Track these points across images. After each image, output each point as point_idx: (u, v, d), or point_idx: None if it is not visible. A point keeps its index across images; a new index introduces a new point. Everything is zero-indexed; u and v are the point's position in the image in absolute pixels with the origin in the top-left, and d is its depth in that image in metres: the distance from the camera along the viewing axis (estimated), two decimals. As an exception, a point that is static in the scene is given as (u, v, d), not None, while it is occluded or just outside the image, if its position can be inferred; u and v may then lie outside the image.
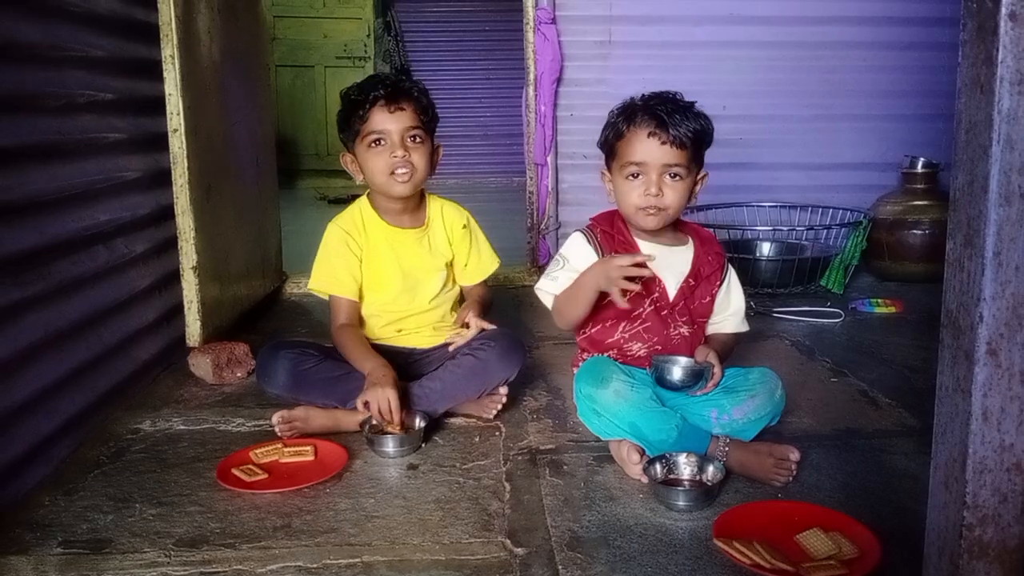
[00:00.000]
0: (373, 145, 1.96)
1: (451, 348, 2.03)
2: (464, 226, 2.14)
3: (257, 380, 2.08)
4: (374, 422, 1.84)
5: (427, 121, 2.01)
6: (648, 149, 1.75)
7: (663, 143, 1.74)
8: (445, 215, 2.13)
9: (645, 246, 1.84)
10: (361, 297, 2.07)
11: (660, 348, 1.86)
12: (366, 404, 1.82)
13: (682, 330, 1.87)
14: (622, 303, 1.70)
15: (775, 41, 3.58)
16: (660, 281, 1.84)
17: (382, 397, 1.81)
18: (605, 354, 1.88)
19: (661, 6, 3.55)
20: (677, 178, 1.77)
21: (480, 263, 2.17)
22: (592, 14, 3.51)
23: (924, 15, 3.58)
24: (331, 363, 1.97)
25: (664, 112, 1.75)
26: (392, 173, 1.96)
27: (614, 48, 3.54)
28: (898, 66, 3.63)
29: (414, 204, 2.10)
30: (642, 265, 1.70)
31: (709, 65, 3.53)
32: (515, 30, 3.75)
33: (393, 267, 2.06)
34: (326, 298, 2.08)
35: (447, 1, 7.70)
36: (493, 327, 2.03)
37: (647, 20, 3.55)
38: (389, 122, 1.95)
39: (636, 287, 1.74)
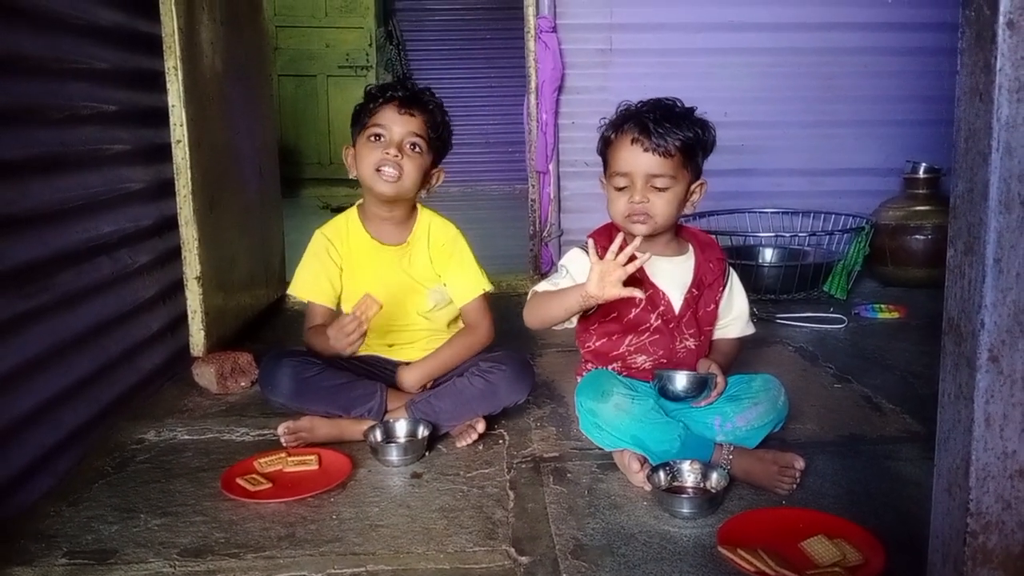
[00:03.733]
0: (372, 139, 1.97)
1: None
2: (443, 244, 2.07)
3: (261, 389, 2.08)
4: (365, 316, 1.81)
5: (434, 138, 2.01)
6: (631, 157, 1.73)
7: (645, 150, 1.71)
8: (432, 232, 2.08)
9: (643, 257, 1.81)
10: (338, 306, 2.07)
11: (665, 362, 1.85)
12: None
13: (688, 343, 1.86)
14: (636, 293, 1.65)
15: (776, 47, 3.59)
16: (664, 294, 1.83)
17: (342, 328, 1.82)
18: (607, 367, 1.88)
19: (661, 14, 3.56)
20: (663, 188, 1.73)
21: (460, 284, 2.06)
22: (593, 22, 3.52)
23: (925, 21, 3.58)
24: (334, 371, 1.96)
25: (651, 119, 1.71)
26: (379, 169, 1.96)
27: (615, 56, 3.55)
28: (899, 71, 3.64)
29: (402, 215, 2.07)
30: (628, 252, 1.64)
31: (710, 72, 3.54)
32: (516, 39, 3.76)
33: (373, 284, 1.99)
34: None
35: (448, 10, 7.72)
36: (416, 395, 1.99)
37: (648, 28, 3.55)
38: (394, 122, 1.96)
39: (640, 293, 1.68)
